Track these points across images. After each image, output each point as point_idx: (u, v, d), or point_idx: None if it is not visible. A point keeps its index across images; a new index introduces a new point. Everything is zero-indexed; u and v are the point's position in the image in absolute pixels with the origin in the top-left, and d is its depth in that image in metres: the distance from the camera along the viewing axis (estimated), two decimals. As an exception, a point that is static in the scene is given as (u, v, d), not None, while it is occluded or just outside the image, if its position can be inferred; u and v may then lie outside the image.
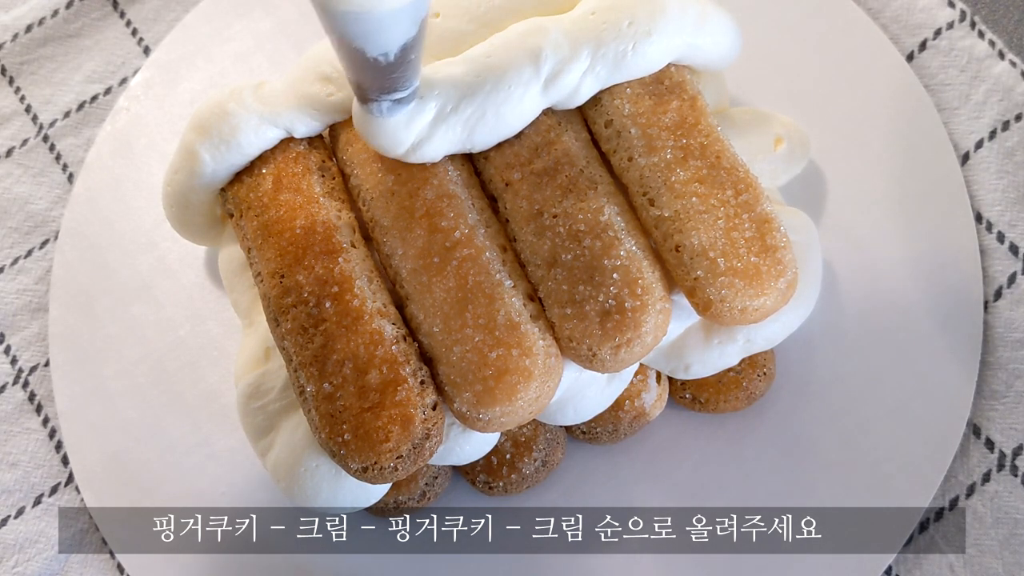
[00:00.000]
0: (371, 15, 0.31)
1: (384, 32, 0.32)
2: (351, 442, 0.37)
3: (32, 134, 0.57)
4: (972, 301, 0.46)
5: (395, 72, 0.35)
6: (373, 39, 0.32)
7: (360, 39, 0.32)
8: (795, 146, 0.46)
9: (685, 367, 0.43)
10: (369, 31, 0.32)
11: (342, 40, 0.32)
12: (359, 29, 0.32)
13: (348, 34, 0.32)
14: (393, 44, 0.33)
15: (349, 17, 0.31)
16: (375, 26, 0.31)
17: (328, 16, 0.31)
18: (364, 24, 0.31)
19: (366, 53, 0.33)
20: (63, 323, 0.51)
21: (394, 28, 0.32)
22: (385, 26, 0.32)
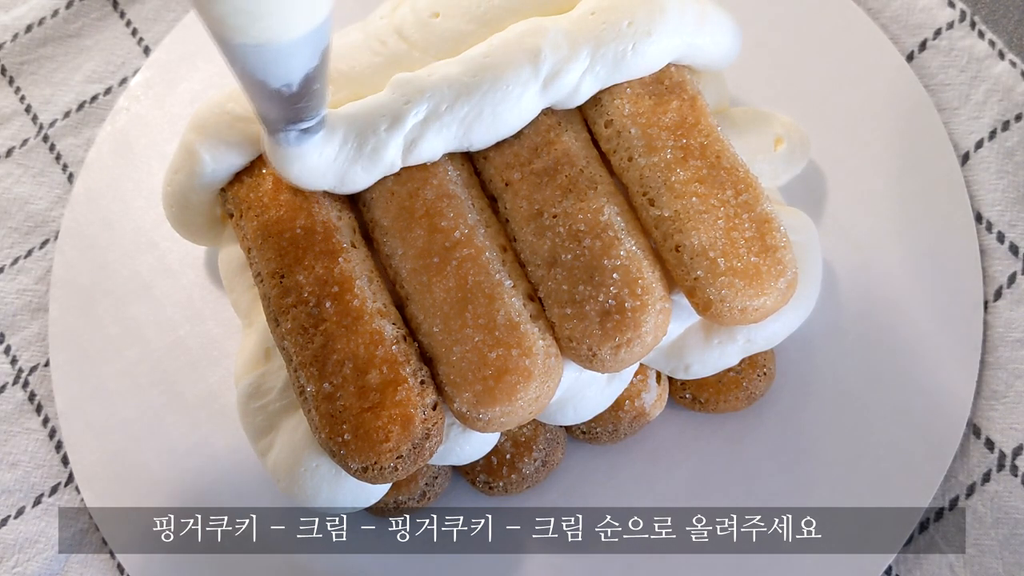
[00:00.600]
0: (270, 47, 0.30)
1: (285, 63, 0.32)
2: (351, 442, 0.37)
3: (32, 134, 0.57)
4: (972, 301, 0.46)
5: (299, 102, 0.34)
6: (274, 70, 0.32)
7: (261, 71, 0.32)
8: (795, 146, 0.46)
9: (685, 367, 0.43)
10: (269, 63, 0.31)
11: (243, 72, 0.32)
12: (259, 61, 0.31)
13: (249, 66, 0.31)
14: (295, 75, 0.32)
15: (248, 50, 0.30)
16: (275, 57, 0.31)
17: (227, 49, 0.31)
18: (264, 56, 0.31)
19: (268, 84, 0.32)
20: (63, 323, 0.51)
21: (295, 59, 0.32)
22: (285, 57, 0.31)
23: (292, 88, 0.33)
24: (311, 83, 0.33)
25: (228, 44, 0.30)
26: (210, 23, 0.29)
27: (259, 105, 0.35)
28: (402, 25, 0.43)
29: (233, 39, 0.30)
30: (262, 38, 0.30)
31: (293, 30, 0.30)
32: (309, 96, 0.34)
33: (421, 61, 0.42)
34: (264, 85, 0.32)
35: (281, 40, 0.30)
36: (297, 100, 0.34)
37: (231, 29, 0.29)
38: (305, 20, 0.30)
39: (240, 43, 0.30)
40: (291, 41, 0.30)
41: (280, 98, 0.33)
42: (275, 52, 0.31)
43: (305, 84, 0.33)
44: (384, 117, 0.40)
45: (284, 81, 0.32)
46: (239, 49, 0.30)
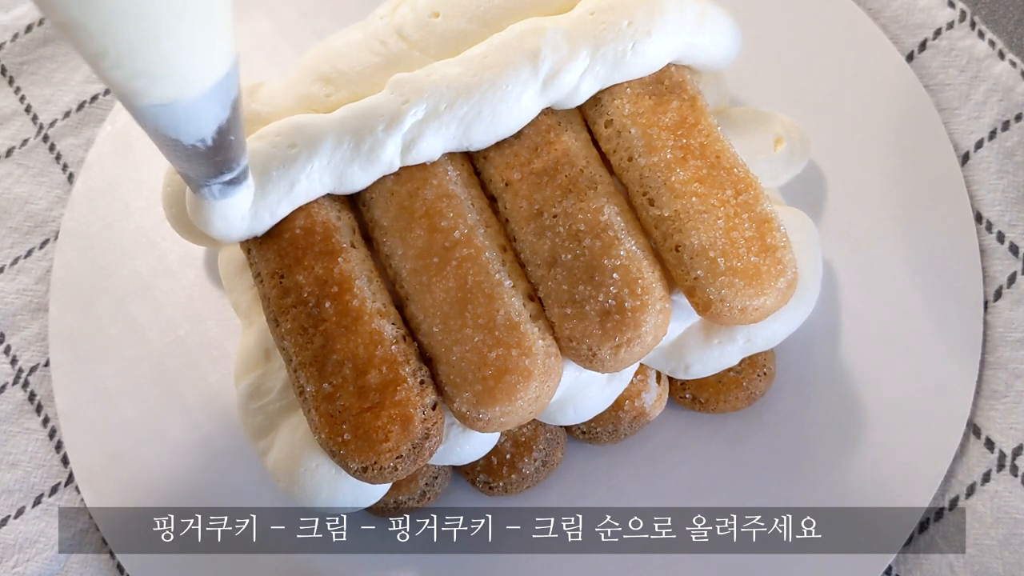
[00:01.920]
0: (177, 105, 0.29)
1: (195, 119, 0.31)
2: (351, 442, 0.37)
3: (32, 134, 0.57)
4: (972, 301, 0.46)
5: (218, 156, 0.34)
6: (185, 128, 0.31)
7: (173, 130, 0.31)
8: (795, 146, 0.46)
9: (685, 367, 0.43)
10: (179, 121, 0.30)
11: (156, 132, 0.31)
12: (169, 120, 0.30)
13: (161, 126, 0.31)
14: (208, 129, 0.31)
15: (156, 110, 0.29)
16: (184, 115, 0.30)
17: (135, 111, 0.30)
18: (173, 115, 0.30)
19: (183, 142, 0.32)
20: (63, 323, 0.51)
21: (205, 113, 0.31)
22: (194, 113, 0.30)
23: (207, 143, 0.32)
24: (226, 136, 0.32)
25: (135, 106, 0.29)
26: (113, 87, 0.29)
27: (177, 163, 0.35)
28: (402, 25, 0.43)
29: (139, 101, 0.29)
30: (167, 97, 0.29)
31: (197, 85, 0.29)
32: (226, 148, 0.33)
33: (421, 61, 0.42)
34: (178, 143, 0.32)
35: (187, 97, 0.29)
36: (215, 154, 0.33)
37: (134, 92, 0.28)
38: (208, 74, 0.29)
39: (147, 104, 0.29)
40: (197, 97, 0.29)
41: (197, 154, 0.33)
42: (183, 110, 0.30)
43: (220, 137, 0.32)
44: (382, 117, 0.40)
45: (198, 137, 0.31)
46: (147, 110, 0.29)
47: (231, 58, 0.30)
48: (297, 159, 0.40)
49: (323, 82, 0.43)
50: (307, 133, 0.40)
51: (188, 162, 0.34)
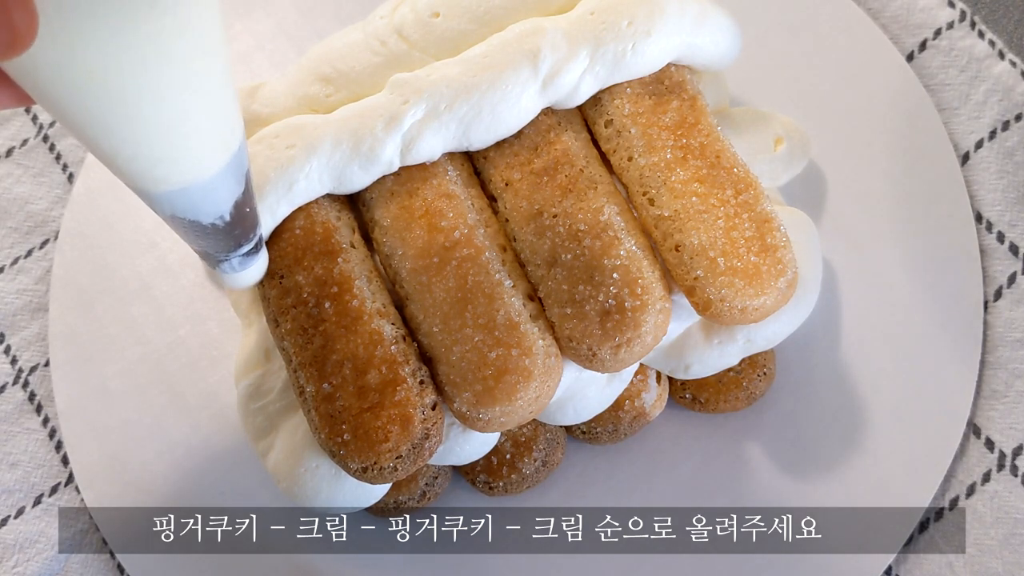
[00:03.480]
0: (194, 187, 0.29)
1: (212, 198, 0.31)
2: (350, 442, 0.37)
3: (32, 134, 0.57)
4: (972, 301, 0.46)
5: (236, 230, 0.34)
6: (203, 208, 0.31)
7: (191, 212, 0.31)
8: (795, 146, 0.46)
9: (685, 367, 0.43)
10: (197, 202, 0.30)
11: (173, 217, 0.31)
12: (186, 203, 0.30)
13: (178, 211, 0.31)
14: (225, 206, 0.32)
15: (173, 195, 0.29)
16: (201, 196, 0.30)
17: (151, 199, 0.30)
18: (190, 197, 0.30)
19: (201, 222, 0.32)
20: (63, 323, 0.51)
21: (221, 191, 0.31)
22: (211, 193, 0.30)
23: (225, 219, 0.32)
24: (242, 208, 0.32)
25: (151, 194, 0.29)
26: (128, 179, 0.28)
27: (196, 244, 0.34)
28: (402, 25, 0.43)
29: (156, 189, 0.29)
30: (184, 180, 0.29)
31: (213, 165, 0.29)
32: (242, 221, 0.33)
33: (421, 61, 0.42)
34: (197, 224, 0.32)
35: (203, 177, 0.29)
36: (233, 229, 0.33)
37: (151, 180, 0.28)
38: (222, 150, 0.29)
39: (164, 191, 0.29)
40: (213, 176, 0.29)
41: (215, 231, 0.33)
42: (200, 191, 0.30)
43: (236, 211, 0.32)
44: (381, 117, 0.40)
45: (216, 215, 0.32)
46: (164, 197, 0.29)
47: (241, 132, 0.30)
48: (295, 160, 0.40)
49: (323, 82, 0.43)
50: (305, 134, 0.40)
51: (206, 240, 0.34)
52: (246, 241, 0.36)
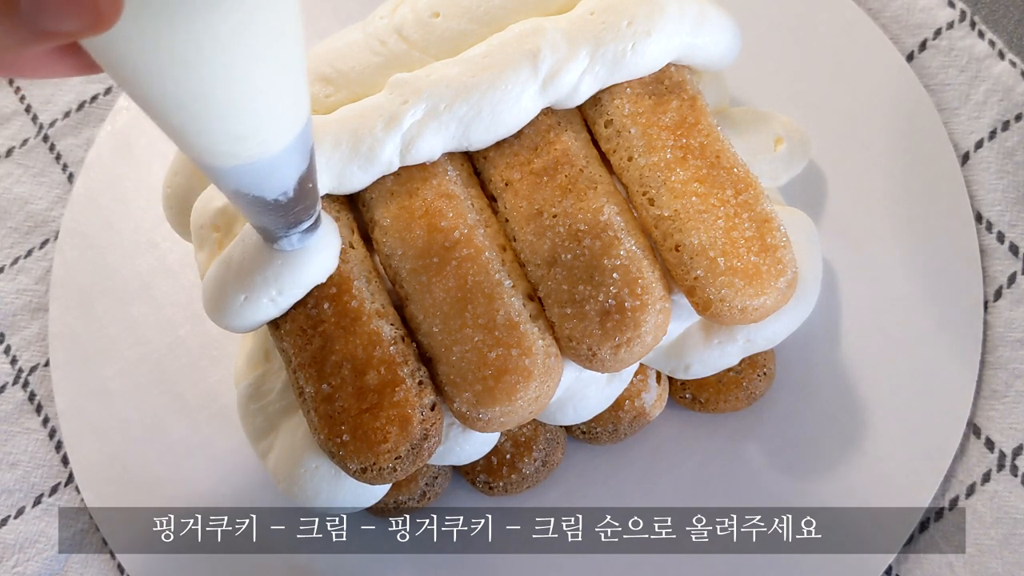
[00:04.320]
0: (262, 162, 0.29)
1: (278, 174, 0.30)
2: (350, 443, 0.37)
3: (32, 134, 0.57)
4: (972, 301, 0.46)
5: (298, 206, 0.33)
6: (269, 184, 0.31)
7: (257, 188, 0.31)
8: (795, 146, 0.46)
9: (685, 367, 0.43)
10: (263, 178, 0.30)
11: (238, 192, 0.31)
12: (252, 179, 0.30)
13: (243, 186, 0.30)
14: (290, 181, 0.31)
15: (240, 171, 0.29)
16: (268, 171, 0.30)
17: (218, 175, 0.29)
18: (258, 172, 0.30)
19: (265, 198, 0.31)
20: (63, 323, 0.51)
21: (286, 167, 0.30)
22: (279, 168, 0.30)
23: (289, 195, 0.32)
24: (305, 184, 0.32)
25: (218, 170, 0.29)
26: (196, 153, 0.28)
27: (257, 219, 0.34)
28: (402, 25, 0.43)
29: (224, 164, 0.29)
30: (253, 156, 0.28)
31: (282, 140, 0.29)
32: (306, 196, 0.33)
33: (421, 61, 0.42)
34: (261, 200, 0.31)
35: (272, 153, 0.29)
36: (295, 205, 0.33)
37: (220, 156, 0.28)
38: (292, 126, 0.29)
39: (232, 166, 0.29)
40: (282, 150, 0.29)
41: (278, 207, 0.32)
42: (268, 166, 0.29)
43: (300, 187, 0.32)
44: (381, 117, 0.40)
45: (280, 191, 0.31)
46: (231, 172, 0.29)
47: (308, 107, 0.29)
48: None
49: (323, 82, 0.43)
50: None
51: (268, 216, 0.33)
52: (307, 217, 0.35)
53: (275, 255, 0.38)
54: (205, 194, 0.42)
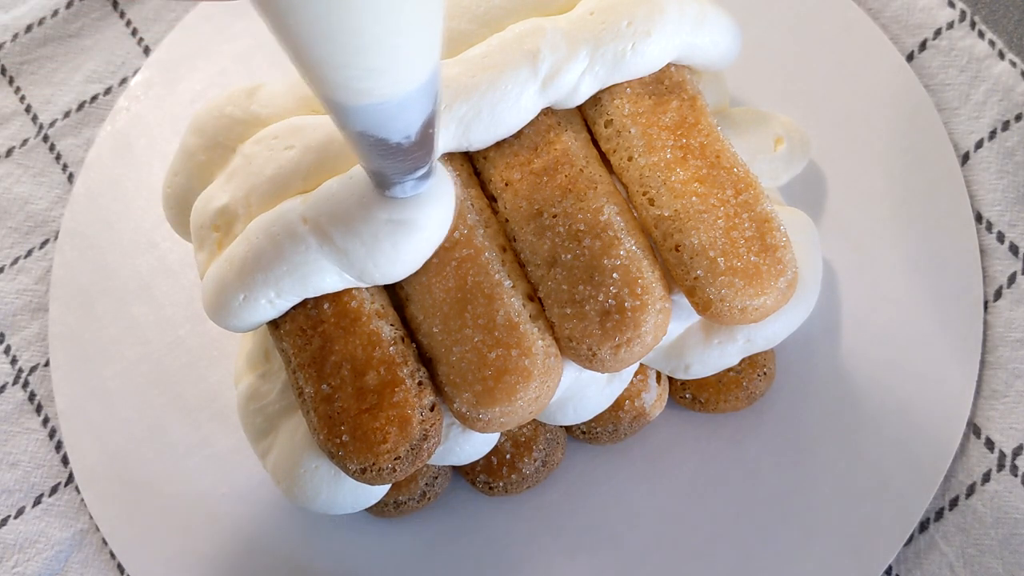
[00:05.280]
0: (392, 102, 0.29)
1: (405, 115, 0.30)
2: (349, 443, 0.37)
3: (32, 134, 0.57)
4: (972, 301, 0.46)
5: (419, 150, 0.33)
6: (394, 126, 0.30)
7: (382, 129, 0.30)
8: (795, 146, 0.46)
9: (685, 367, 0.43)
10: (391, 119, 0.30)
11: (362, 133, 0.30)
12: (379, 119, 0.30)
13: (369, 127, 0.30)
14: (414, 125, 0.31)
15: (369, 110, 0.29)
16: (397, 112, 0.29)
17: (346, 113, 0.29)
18: (385, 113, 0.29)
19: (389, 141, 0.31)
20: (63, 323, 0.51)
21: (415, 109, 0.30)
22: (407, 109, 0.30)
23: (411, 139, 0.31)
24: (427, 129, 0.32)
25: (349, 108, 0.29)
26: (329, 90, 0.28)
27: (375, 163, 0.34)
28: (402, 25, 0.43)
29: (357, 102, 0.28)
30: (385, 95, 0.28)
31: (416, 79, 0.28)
32: (426, 142, 0.33)
33: (421, 61, 0.42)
34: (383, 143, 0.31)
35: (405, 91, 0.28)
36: (416, 150, 0.32)
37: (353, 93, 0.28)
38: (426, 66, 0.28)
39: (363, 105, 0.28)
40: (414, 90, 0.29)
41: (398, 151, 0.32)
42: (397, 106, 0.29)
43: (423, 131, 0.31)
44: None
45: (404, 134, 0.31)
46: (360, 111, 0.29)
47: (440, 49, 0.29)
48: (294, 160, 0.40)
49: (323, 82, 0.43)
50: (305, 135, 0.40)
51: (387, 160, 0.33)
52: (423, 164, 0.35)
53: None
54: (205, 194, 0.42)
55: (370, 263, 0.38)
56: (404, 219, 0.37)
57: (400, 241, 0.37)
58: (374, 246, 0.37)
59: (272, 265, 0.38)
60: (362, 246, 0.37)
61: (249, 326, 0.40)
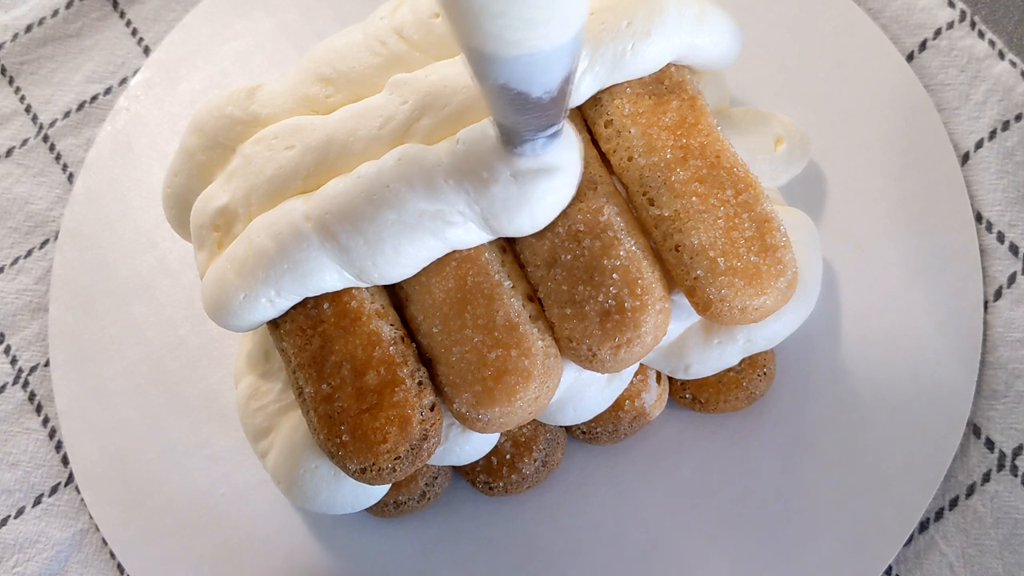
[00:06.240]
0: (539, 55, 0.29)
1: (551, 69, 0.30)
2: (349, 443, 0.37)
3: (32, 134, 0.57)
4: (972, 301, 0.46)
5: (555, 107, 0.33)
6: (538, 79, 0.30)
7: (526, 83, 0.30)
8: (795, 146, 0.46)
9: (685, 367, 0.43)
10: (536, 72, 0.30)
11: (504, 87, 0.30)
12: (524, 72, 0.30)
13: (513, 80, 0.30)
14: (556, 80, 0.31)
15: (517, 62, 0.29)
16: (544, 66, 0.30)
17: (492, 64, 0.29)
18: (532, 66, 0.29)
19: (530, 95, 0.31)
20: (63, 323, 0.51)
21: (559, 64, 0.30)
22: (553, 63, 0.30)
23: (552, 94, 0.31)
24: (566, 85, 0.32)
25: (498, 59, 0.28)
26: (482, 41, 0.28)
27: (510, 118, 0.34)
28: (402, 25, 0.43)
29: (507, 52, 0.28)
30: (537, 46, 0.28)
31: (565, 34, 0.28)
32: (563, 98, 0.33)
33: (421, 61, 0.42)
34: (523, 96, 0.31)
35: (554, 44, 0.28)
36: (553, 105, 0.32)
37: (507, 43, 0.28)
38: (577, 20, 0.29)
39: (513, 56, 0.28)
40: (562, 44, 0.29)
41: (538, 106, 0.32)
42: (545, 59, 0.29)
43: (562, 87, 0.31)
44: (380, 118, 0.40)
45: (545, 89, 0.31)
46: (508, 63, 0.29)
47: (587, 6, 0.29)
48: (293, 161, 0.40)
49: (323, 83, 0.43)
50: (305, 135, 0.40)
51: (524, 115, 0.33)
52: (557, 121, 0.35)
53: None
54: (205, 194, 0.42)
55: (368, 262, 0.38)
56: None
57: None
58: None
59: (273, 263, 0.38)
60: (365, 244, 0.37)
61: (249, 325, 0.40)
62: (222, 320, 0.40)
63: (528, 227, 0.38)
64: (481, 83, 0.31)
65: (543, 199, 0.37)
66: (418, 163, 0.38)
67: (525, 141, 0.36)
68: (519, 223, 0.38)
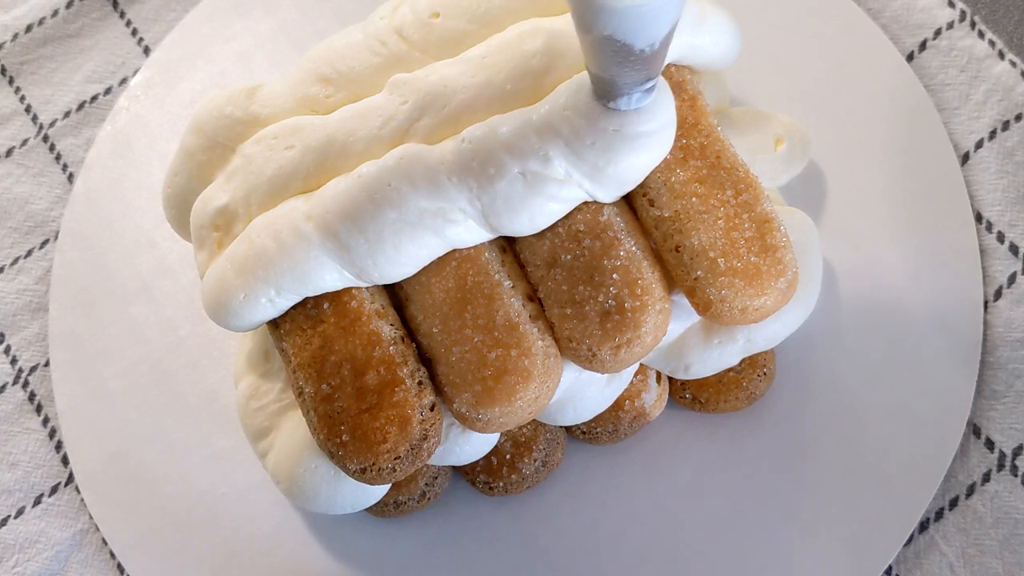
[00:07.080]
0: (648, 7, 0.29)
1: (657, 22, 0.30)
2: (349, 443, 0.37)
3: (32, 134, 0.57)
4: (972, 301, 0.46)
5: (655, 61, 0.33)
6: (644, 31, 0.30)
7: (631, 35, 0.30)
8: (795, 146, 0.46)
9: (685, 367, 0.43)
10: (643, 24, 0.30)
11: (610, 38, 0.30)
12: (632, 23, 0.30)
13: (620, 32, 0.30)
14: (660, 33, 0.31)
15: (628, 12, 0.29)
16: (651, 17, 0.30)
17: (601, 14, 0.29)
18: (641, 18, 0.29)
19: (633, 47, 0.31)
20: (63, 323, 0.51)
21: (666, 17, 0.30)
22: (660, 15, 0.30)
23: (655, 47, 0.31)
24: (667, 40, 0.32)
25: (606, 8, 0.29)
26: None
27: (612, 70, 0.33)
28: (402, 25, 0.43)
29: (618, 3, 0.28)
30: None
31: None
32: (662, 52, 0.33)
33: (421, 61, 0.42)
34: (626, 48, 0.31)
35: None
36: (653, 59, 0.32)
37: None
38: None
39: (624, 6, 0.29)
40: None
41: (638, 59, 0.32)
42: (653, 12, 0.29)
43: (664, 41, 0.31)
44: (380, 118, 0.40)
45: (649, 41, 0.31)
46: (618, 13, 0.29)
47: None
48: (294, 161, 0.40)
49: (323, 83, 0.43)
50: (305, 135, 0.40)
51: (623, 68, 0.33)
52: (654, 74, 0.35)
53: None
54: (205, 194, 0.42)
55: (369, 261, 0.38)
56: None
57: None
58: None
59: (273, 263, 0.38)
60: (365, 243, 0.37)
61: (249, 325, 0.40)
62: (222, 320, 0.40)
63: (527, 227, 0.38)
64: (585, 35, 0.31)
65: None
66: (420, 162, 0.38)
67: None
68: (519, 222, 0.38)
